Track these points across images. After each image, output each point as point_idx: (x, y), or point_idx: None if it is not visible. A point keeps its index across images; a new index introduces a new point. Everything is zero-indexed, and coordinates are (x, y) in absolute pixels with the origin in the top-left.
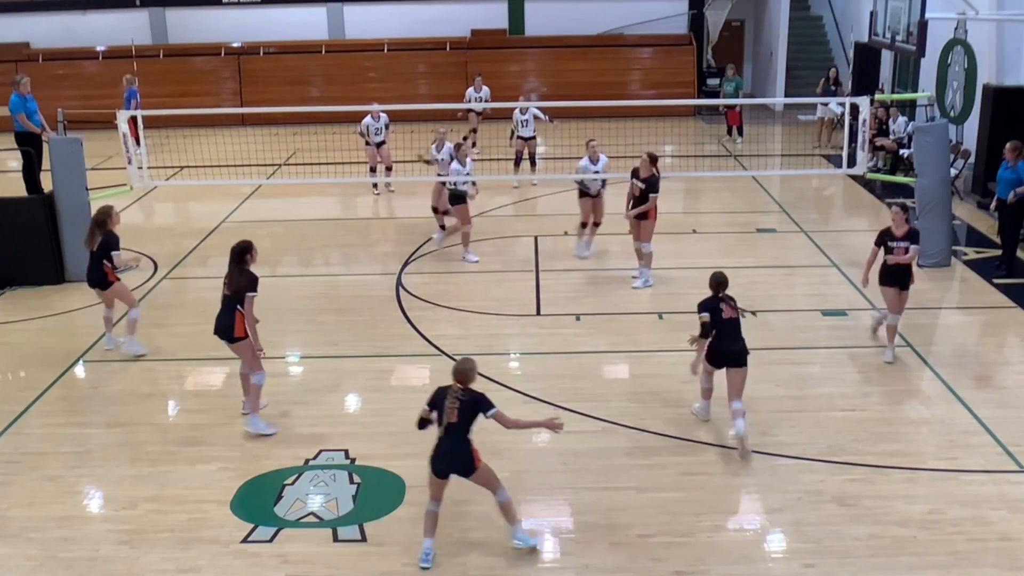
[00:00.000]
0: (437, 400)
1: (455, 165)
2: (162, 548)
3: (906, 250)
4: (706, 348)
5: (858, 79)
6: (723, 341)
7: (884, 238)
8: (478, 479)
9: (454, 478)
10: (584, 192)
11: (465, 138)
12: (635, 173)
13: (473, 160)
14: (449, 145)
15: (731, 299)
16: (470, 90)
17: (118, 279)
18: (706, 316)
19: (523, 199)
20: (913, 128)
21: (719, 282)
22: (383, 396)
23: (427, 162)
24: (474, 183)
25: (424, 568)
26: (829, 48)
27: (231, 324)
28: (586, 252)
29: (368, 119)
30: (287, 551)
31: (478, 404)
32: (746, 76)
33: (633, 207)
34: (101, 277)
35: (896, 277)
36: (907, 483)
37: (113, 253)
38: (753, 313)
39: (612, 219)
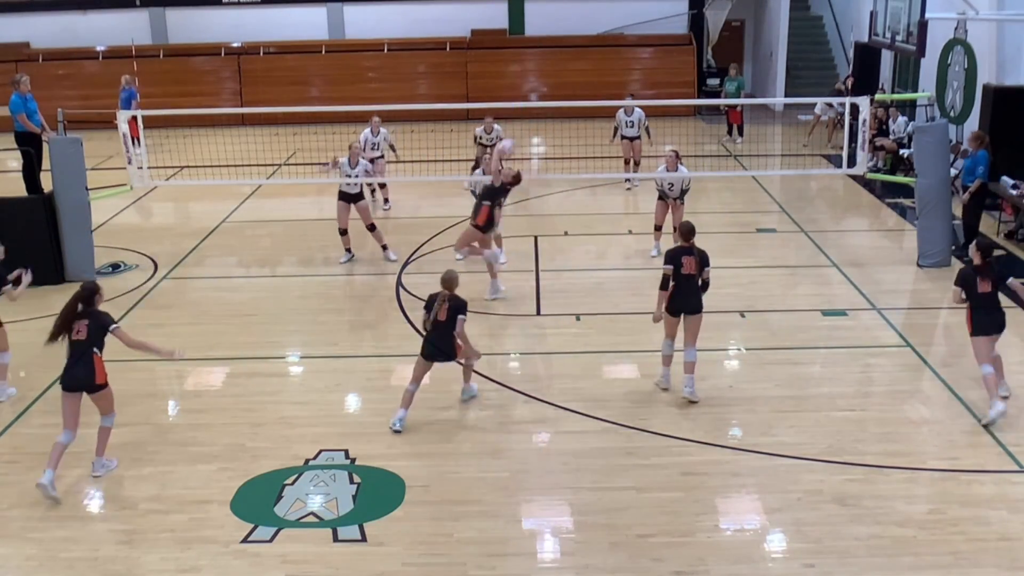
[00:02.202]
0: (429, 303)
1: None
2: (162, 548)
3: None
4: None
5: (858, 79)
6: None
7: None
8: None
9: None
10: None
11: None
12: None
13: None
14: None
15: (698, 252)
16: (620, 113)
17: None
18: (669, 268)
19: (523, 199)
20: (913, 128)
21: (688, 230)
22: (383, 396)
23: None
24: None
25: (396, 431)
26: (829, 48)
27: (92, 372)
28: (501, 259)
29: (367, 133)
30: (287, 551)
31: (460, 307)
32: (746, 76)
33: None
34: None
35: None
36: (907, 483)
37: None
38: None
39: (608, 219)
